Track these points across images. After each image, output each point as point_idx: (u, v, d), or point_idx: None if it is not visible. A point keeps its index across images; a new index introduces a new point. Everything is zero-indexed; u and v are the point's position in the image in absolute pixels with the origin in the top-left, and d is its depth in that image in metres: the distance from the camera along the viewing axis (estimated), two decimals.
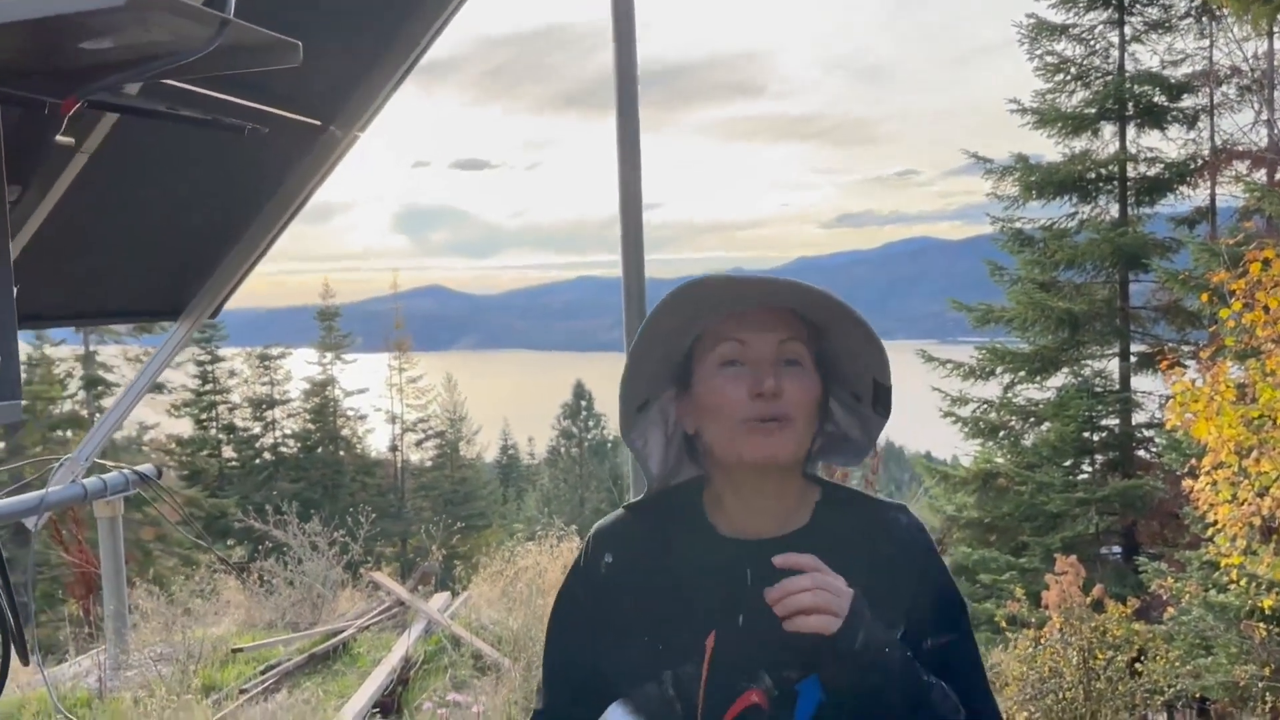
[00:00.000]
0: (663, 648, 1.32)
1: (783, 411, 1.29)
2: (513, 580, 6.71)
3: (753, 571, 1.31)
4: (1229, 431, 9.08)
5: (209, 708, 5.52)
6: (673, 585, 1.36)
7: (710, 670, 1.29)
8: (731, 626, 1.31)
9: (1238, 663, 10.85)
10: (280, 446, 35.13)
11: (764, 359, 1.31)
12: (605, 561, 1.42)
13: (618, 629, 1.37)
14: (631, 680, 1.34)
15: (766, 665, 1.28)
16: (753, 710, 1.28)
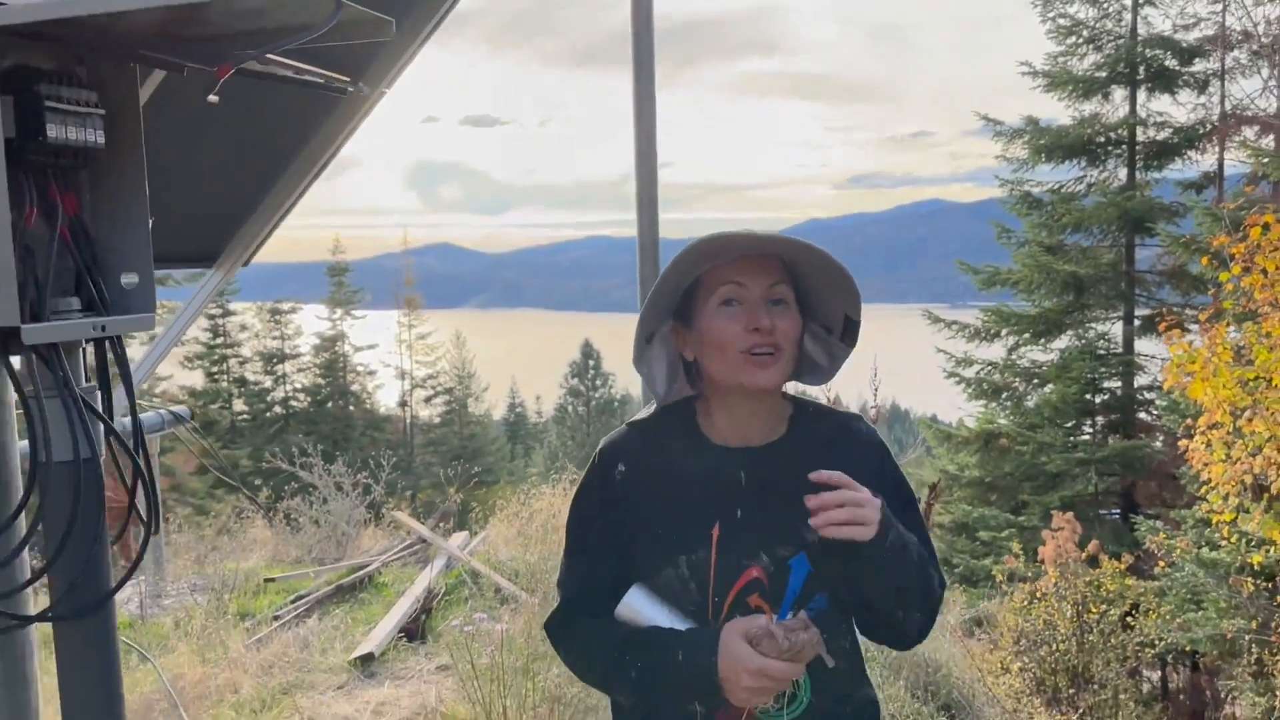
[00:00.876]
0: (676, 539, 1.61)
1: (774, 344, 1.57)
2: (528, 520, 7.03)
3: (746, 474, 1.62)
4: (1224, 393, 9.27)
5: (244, 631, 5.88)
6: (679, 488, 1.64)
7: (717, 554, 1.58)
8: (731, 519, 1.60)
9: (1226, 617, 11.12)
10: (291, 400, 35.43)
11: (756, 299, 1.58)
12: (619, 471, 1.69)
13: (634, 528, 1.65)
14: (648, 568, 1.62)
15: (763, 547, 1.58)
16: (754, 583, 1.57)
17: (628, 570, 1.64)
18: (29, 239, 1.46)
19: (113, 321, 1.57)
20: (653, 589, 1.61)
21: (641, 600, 1.59)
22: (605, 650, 1.63)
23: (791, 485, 1.57)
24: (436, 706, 4.81)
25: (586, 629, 1.69)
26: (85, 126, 1.51)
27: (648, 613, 1.58)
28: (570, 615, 1.73)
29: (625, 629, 1.60)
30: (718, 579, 1.58)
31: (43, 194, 1.49)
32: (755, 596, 1.57)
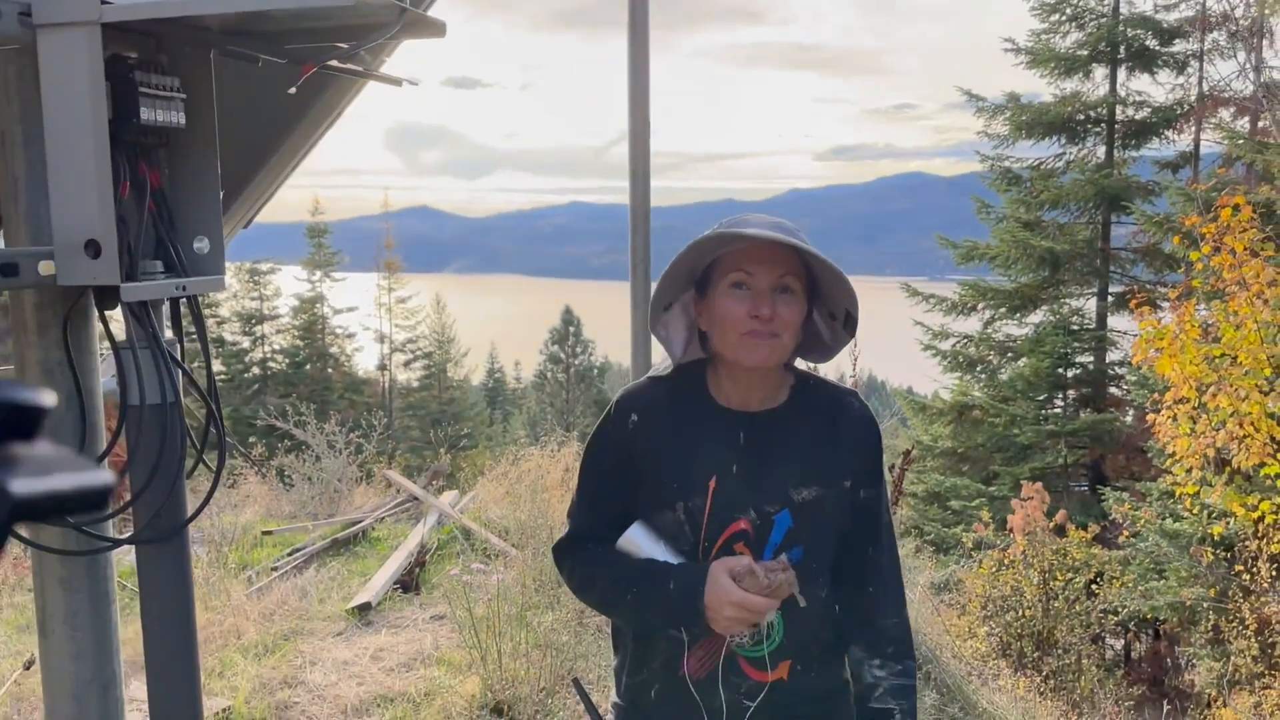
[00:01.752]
0: (677, 486, 1.81)
1: (774, 329, 1.74)
2: (517, 480, 7.26)
3: (744, 435, 1.82)
4: (1190, 369, 9.52)
5: (245, 581, 6.09)
6: (684, 442, 1.84)
7: (712, 504, 1.80)
8: (728, 474, 1.80)
9: (1186, 586, 11.44)
10: (269, 361, 35.31)
11: (764, 287, 1.74)
12: (632, 419, 1.89)
13: (641, 472, 1.85)
14: (650, 509, 1.83)
15: (753, 502, 1.79)
16: (741, 533, 1.79)
17: (632, 508, 1.85)
18: (123, 209, 1.66)
19: (191, 282, 1.77)
20: (652, 527, 1.82)
21: (641, 535, 1.79)
22: (606, 575, 1.84)
23: (784, 448, 1.80)
24: (432, 652, 5.05)
25: (590, 555, 1.89)
26: (170, 109, 1.70)
27: (646, 547, 1.79)
28: (577, 541, 1.94)
29: (625, 559, 1.81)
30: (710, 526, 1.79)
31: (134, 169, 1.69)
32: (741, 544, 1.78)
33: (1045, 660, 10.67)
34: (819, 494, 1.78)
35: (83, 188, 1.55)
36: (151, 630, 1.81)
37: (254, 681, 4.67)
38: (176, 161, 1.81)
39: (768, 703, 1.80)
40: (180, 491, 1.78)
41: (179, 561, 1.81)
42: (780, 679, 1.80)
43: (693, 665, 1.81)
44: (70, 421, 1.71)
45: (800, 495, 1.77)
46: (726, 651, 1.79)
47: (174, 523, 1.78)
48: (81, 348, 1.72)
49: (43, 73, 1.53)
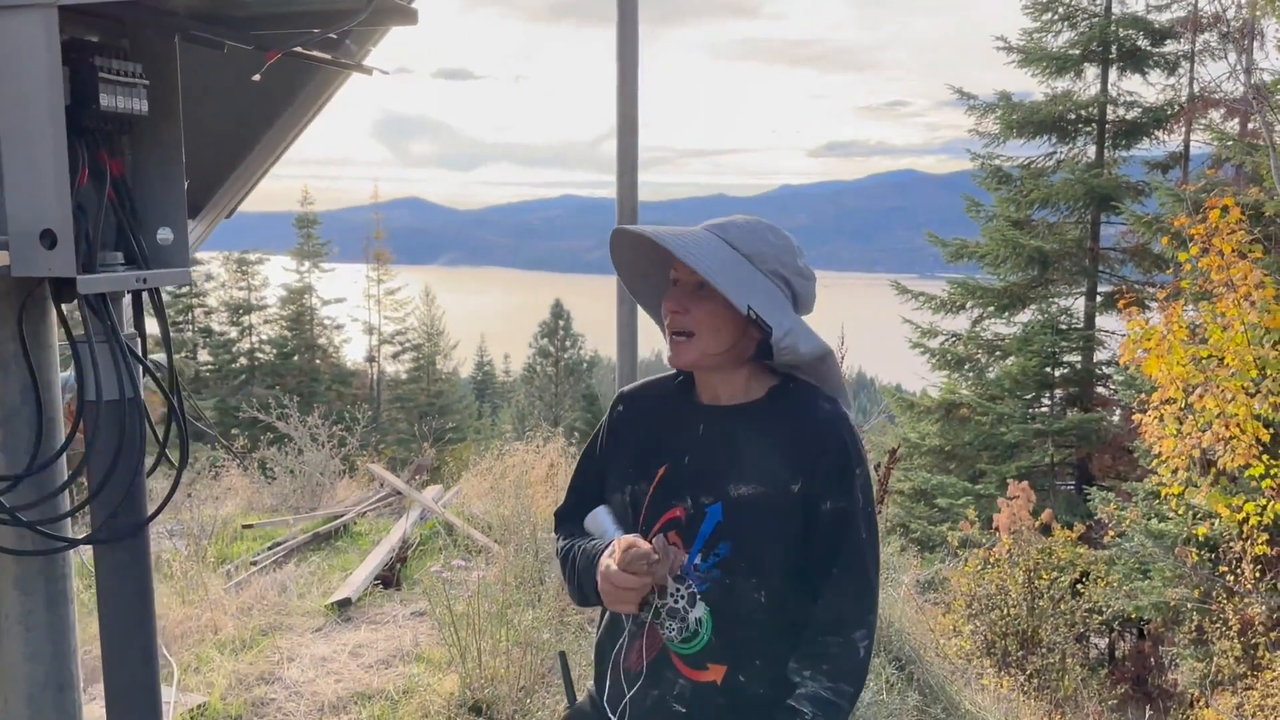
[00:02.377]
0: (632, 470, 1.86)
1: (686, 327, 1.75)
2: (501, 476, 7.21)
3: (704, 426, 1.82)
4: (1178, 370, 9.52)
5: (223, 575, 6.03)
6: (651, 430, 1.88)
7: (655, 490, 1.81)
8: (679, 463, 1.81)
9: (1171, 586, 11.47)
10: (256, 352, 35.15)
11: (683, 284, 1.77)
12: (618, 410, 1.97)
13: (615, 457, 1.92)
14: (610, 491, 1.90)
15: (691, 492, 1.78)
16: (674, 521, 1.79)
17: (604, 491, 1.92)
18: (81, 198, 1.60)
19: (153, 274, 1.72)
20: (610, 510, 1.86)
21: (603, 517, 1.84)
22: (562, 550, 1.95)
23: (735, 444, 1.79)
24: (412, 649, 5.01)
25: (565, 531, 2.00)
26: (132, 96, 1.65)
27: (606, 528, 1.83)
28: (560, 520, 2.04)
29: (584, 537, 1.90)
30: (649, 511, 1.81)
31: (93, 157, 1.63)
32: (673, 533, 1.77)
33: (1029, 659, 10.69)
34: (758, 492, 1.74)
35: (38, 176, 1.50)
36: (109, 633, 1.76)
37: (230, 677, 4.62)
38: (139, 150, 1.76)
39: (699, 704, 1.77)
40: (140, 490, 1.73)
41: (138, 562, 1.76)
42: (712, 681, 1.76)
43: (632, 658, 1.82)
44: (26, 415, 1.66)
45: (738, 491, 1.75)
46: (662, 647, 1.79)
47: (133, 522, 1.73)
48: (38, 341, 1.67)
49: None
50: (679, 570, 1.73)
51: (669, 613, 1.77)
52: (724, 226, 1.77)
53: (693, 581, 1.76)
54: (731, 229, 1.76)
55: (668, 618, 1.77)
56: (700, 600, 1.75)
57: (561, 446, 7.55)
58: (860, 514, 1.75)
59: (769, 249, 1.76)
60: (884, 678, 4.63)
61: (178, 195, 1.78)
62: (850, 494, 1.75)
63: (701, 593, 1.75)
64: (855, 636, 1.72)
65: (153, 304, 1.78)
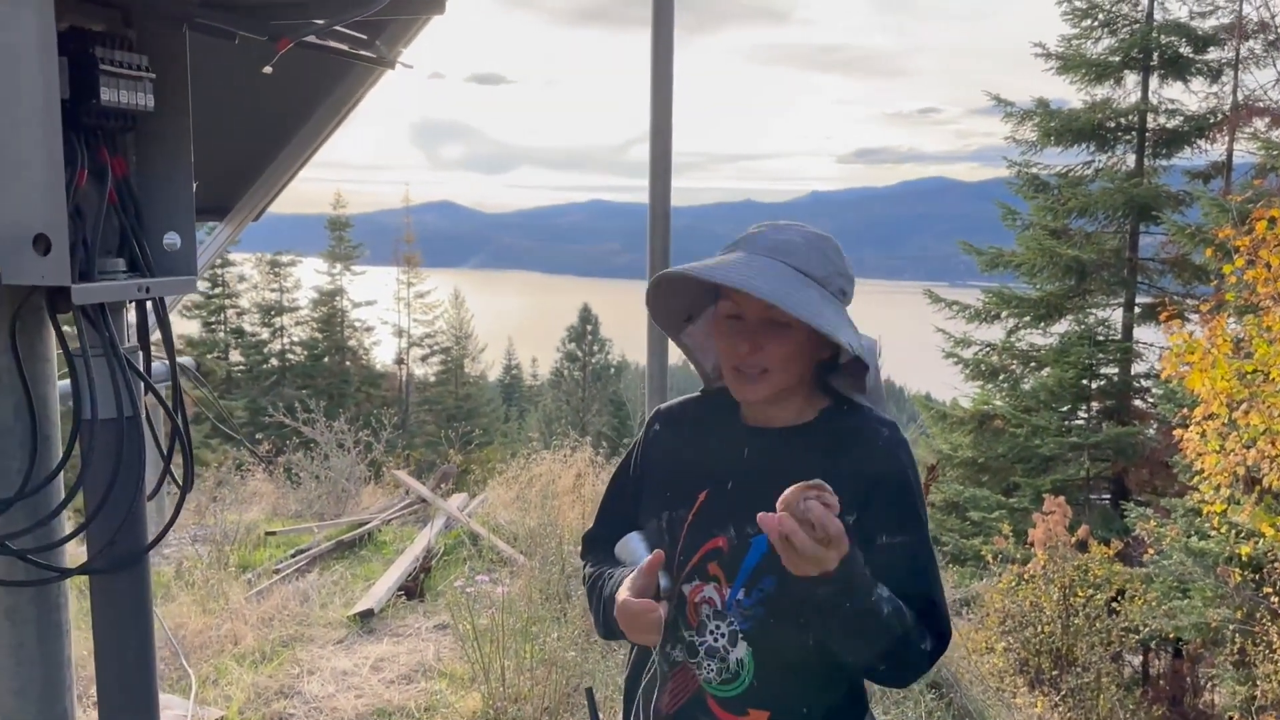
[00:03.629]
0: (669, 495, 1.71)
1: (761, 365, 1.61)
2: (527, 485, 7.09)
3: (749, 450, 1.68)
4: (1222, 384, 9.29)
5: (245, 583, 5.94)
6: (691, 452, 1.74)
7: (695, 518, 1.66)
8: (721, 489, 1.67)
9: (1212, 606, 11.19)
10: (288, 353, 35.36)
11: (751, 321, 1.61)
12: (654, 429, 1.83)
13: (649, 479, 1.78)
14: (645, 516, 1.75)
15: (734, 521, 1.63)
16: (715, 551, 1.64)
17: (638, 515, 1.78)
18: (80, 200, 1.48)
19: (157, 283, 1.60)
20: (645, 536, 1.72)
21: (635, 544, 1.70)
22: (590, 577, 1.82)
23: (785, 469, 1.59)
24: (435, 664, 4.88)
25: (593, 557, 1.87)
26: (136, 90, 1.53)
27: (636, 555, 1.68)
28: (590, 545, 1.91)
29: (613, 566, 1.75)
30: (687, 540, 1.66)
31: (94, 156, 1.51)
32: (714, 564, 1.63)
33: (1064, 678, 10.48)
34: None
35: (30, 175, 1.37)
36: (106, 667, 1.64)
37: (249, 691, 4.51)
38: (145, 148, 1.64)
39: None
40: (139, 515, 1.61)
41: (137, 591, 1.64)
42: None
43: (664, 700, 1.68)
44: (19, 433, 1.54)
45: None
46: (697, 689, 1.64)
47: (131, 550, 1.61)
48: (33, 354, 1.54)
49: None
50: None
51: (707, 651, 1.63)
52: (788, 250, 1.61)
53: (734, 619, 1.61)
54: (798, 253, 1.61)
55: (706, 656, 1.63)
56: (742, 639, 1.61)
57: (589, 456, 7.41)
58: (922, 546, 1.61)
59: (831, 266, 1.64)
60: (923, 706, 4.46)
61: (186, 198, 1.65)
62: (911, 528, 1.60)
63: (744, 631, 1.61)
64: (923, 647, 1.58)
65: (157, 315, 1.65)
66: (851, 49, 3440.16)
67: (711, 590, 1.63)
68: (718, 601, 1.62)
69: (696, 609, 1.64)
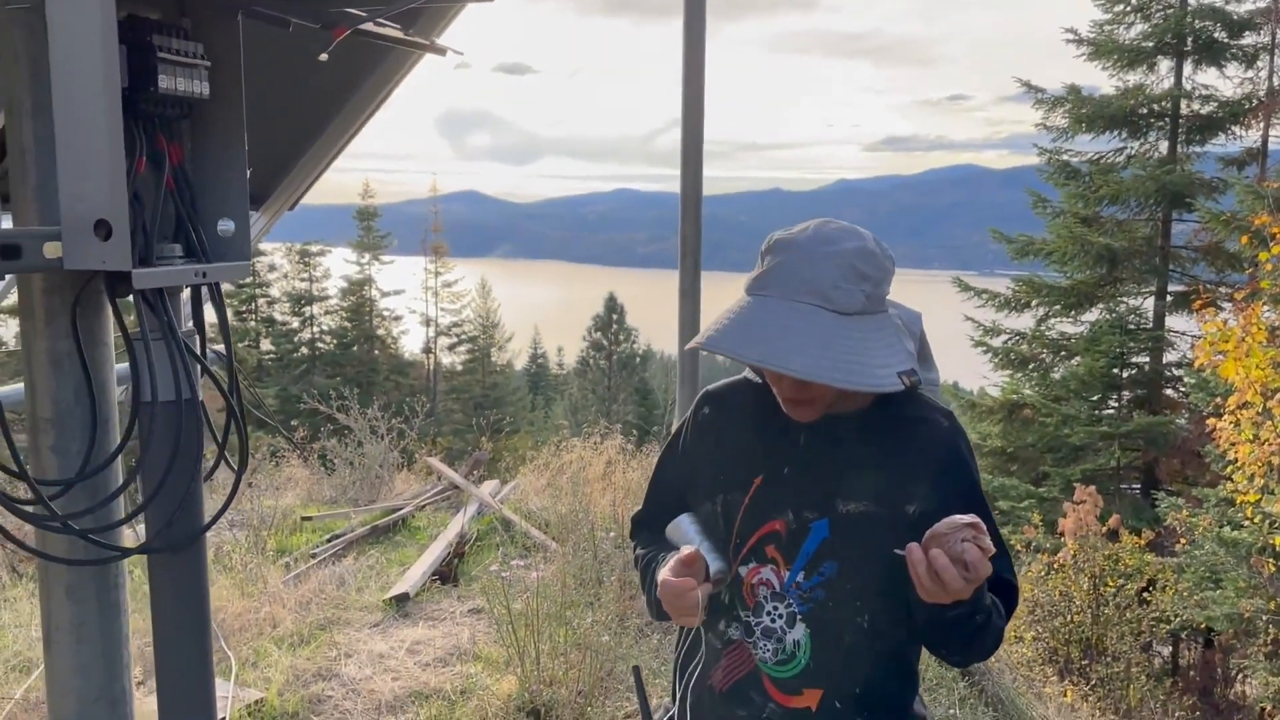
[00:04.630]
0: (723, 479, 1.71)
1: (808, 397, 1.59)
2: (559, 472, 7.13)
3: (806, 436, 1.66)
4: (1256, 373, 9.22)
5: (282, 568, 6.01)
6: (746, 436, 1.73)
7: (751, 501, 1.67)
8: (777, 473, 1.67)
9: (1245, 596, 11.10)
10: (317, 342, 35.65)
11: None
12: (704, 412, 1.82)
13: (700, 462, 1.78)
14: (699, 500, 1.76)
15: (793, 505, 1.64)
16: (773, 535, 1.65)
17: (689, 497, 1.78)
18: (139, 186, 1.51)
19: (212, 268, 1.63)
20: (696, 519, 1.73)
21: (686, 526, 1.72)
22: (640, 560, 1.84)
23: (843, 456, 1.63)
24: (470, 648, 4.93)
25: (642, 539, 1.89)
26: (192, 78, 1.55)
27: (687, 537, 1.69)
28: (640, 525, 1.93)
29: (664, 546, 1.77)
30: (744, 523, 1.67)
31: (151, 143, 1.54)
32: (771, 547, 1.64)
33: (1093, 668, 10.43)
34: (869, 510, 1.60)
35: (93, 162, 1.40)
36: (164, 643, 1.68)
37: (288, 673, 4.57)
38: (200, 136, 1.67)
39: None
40: (196, 496, 1.64)
41: (194, 571, 1.67)
42: (806, 708, 1.64)
43: (716, 676, 1.70)
44: (79, 416, 1.57)
45: (846, 507, 1.61)
46: (752, 667, 1.67)
47: (188, 530, 1.64)
48: (92, 338, 1.58)
49: (51, 34, 1.38)
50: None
51: (764, 632, 1.65)
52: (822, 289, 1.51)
53: (793, 600, 1.63)
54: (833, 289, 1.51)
55: (762, 637, 1.66)
56: (800, 621, 1.63)
57: (620, 444, 7.44)
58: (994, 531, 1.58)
59: (870, 284, 1.55)
60: (956, 694, 4.46)
61: (239, 184, 1.68)
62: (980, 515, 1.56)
63: (802, 614, 1.63)
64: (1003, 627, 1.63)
65: (212, 299, 1.68)
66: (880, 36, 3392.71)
67: (769, 573, 1.65)
68: (775, 584, 1.64)
69: (753, 590, 1.66)
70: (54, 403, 1.55)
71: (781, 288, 1.52)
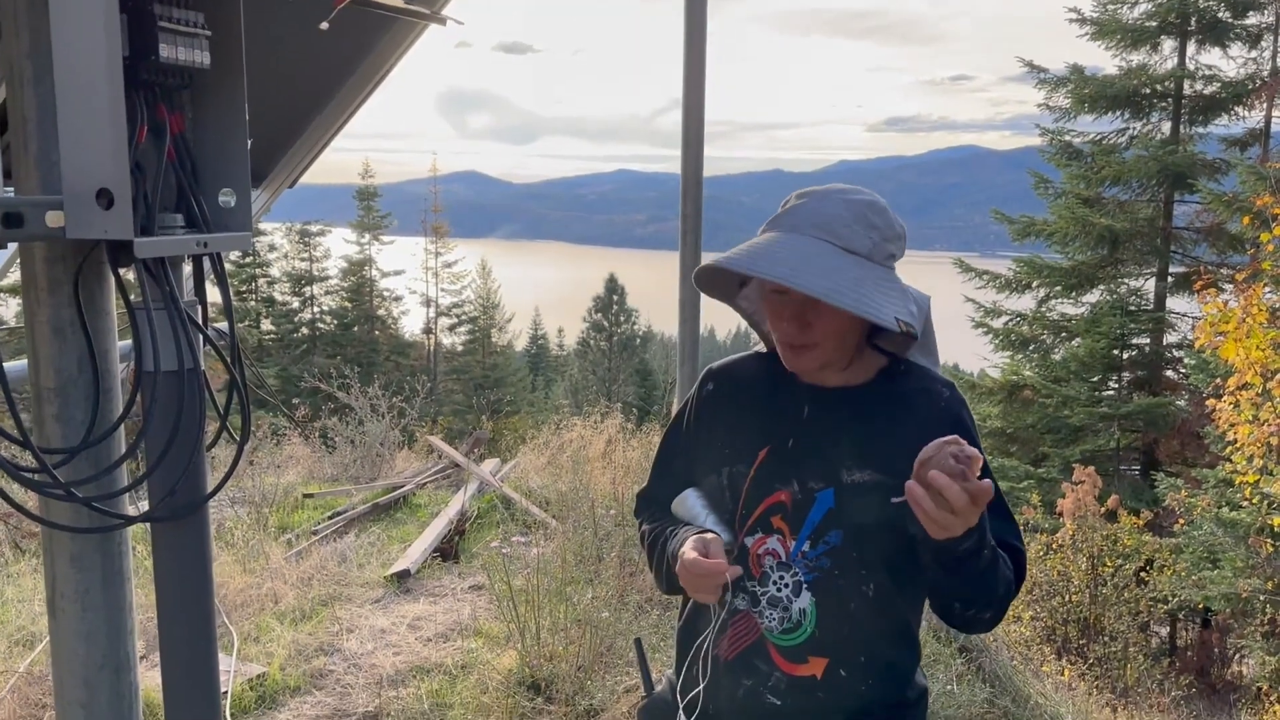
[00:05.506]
0: (728, 451, 1.74)
1: (810, 340, 1.62)
2: (559, 450, 7.15)
3: (809, 408, 1.70)
4: (1257, 354, 9.21)
5: (284, 544, 6.04)
6: (749, 409, 1.76)
7: (756, 473, 1.69)
8: (782, 446, 1.69)
9: (1242, 576, 11.14)
10: (318, 323, 35.63)
11: (797, 298, 1.61)
12: (708, 388, 1.85)
13: (705, 437, 1.80)
14: (700, 473, 1.78)
15: (798, 476, 1.66)
16: (779, 505, 1.67)
17: (695, 471, 1.80)
18: (140, 156, 1.51)
19: (214, 238, 1.63)
20: (703, 493, 1.76)
21: (693, 500, 1.74)
22: (648, 534, 1.84)
23: (847, 427, 1.67)
24: (470, 623, 4.96)
25: (649, 514, 1.89)
26: (193, 47, 1.55)
27: (695, 512, 1.72)
28: (646, 500, 1.94)
29: (670, 521, 1.79)
30: (749, 494, 1.69)
31: (152, 113, 1.54)
32: (778, 517, 1.66)
33: (1090, 648, 10.48)
34: (874, 480, 1.62)
35: (95, 131, 1.40)
36: (167, 612, 1.69)
37: (290, 648, 4.60)
38: (200, 106, 1.67)
39: (795, 698, 1.65)
40: (199, 466, 1.65)
41: (197, 540, 1.68)
42: (811, 675, 1.65)
43: (723, 645, 1.71)
44: (83, 385, 1.58)
45: (851, 477, 1.63)
46: (758, 636, 1.68)
47: (191, 499, 1.65)
48: (95, 307, 1.58)
49: (52, 3, 1.39)
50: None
51: (769, 601, 1.67)
52: (830, 226, 1.59)
53: (799, 570, 1.65)
54: (841, 227, 1.59)
55: (768, 606, 1.67)
56: (806, 590, 1.65)
57: (620, 423, 7.46)
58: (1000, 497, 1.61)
59: (877, 233, 1.62)
60: (953, 670, 4.49)
61: (240, 155, 1.68)
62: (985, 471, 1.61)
63: (808, 582, 1.65)
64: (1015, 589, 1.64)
65: (214, 270, 1.69)
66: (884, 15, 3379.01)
67: (775, 543, 1.67)
68: (782, 554, 1.66)
69: (759, 560, 1.68)
70: (57, 372, 1.55)
71: (791, 225, 1.61)
